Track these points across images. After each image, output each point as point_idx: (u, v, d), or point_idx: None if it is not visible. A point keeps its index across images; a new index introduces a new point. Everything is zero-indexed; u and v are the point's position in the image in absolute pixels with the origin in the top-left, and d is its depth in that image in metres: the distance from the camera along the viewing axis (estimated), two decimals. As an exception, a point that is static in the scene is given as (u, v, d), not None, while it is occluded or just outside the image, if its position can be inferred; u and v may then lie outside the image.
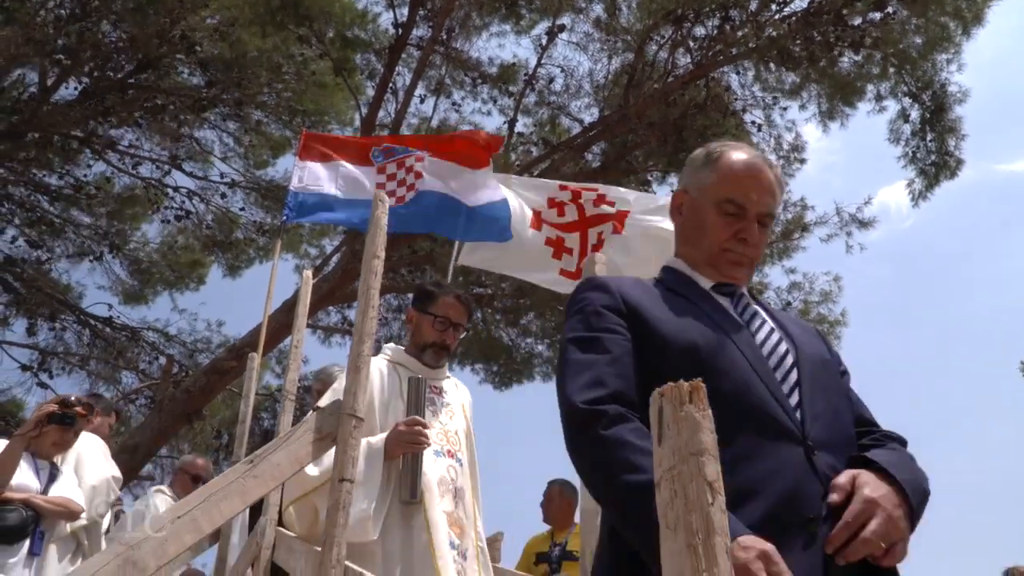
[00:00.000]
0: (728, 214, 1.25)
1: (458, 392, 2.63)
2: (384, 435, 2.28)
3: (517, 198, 4.62)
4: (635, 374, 1.11)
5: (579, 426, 1.05)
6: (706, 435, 0.73)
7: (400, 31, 8.31)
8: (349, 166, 4.50)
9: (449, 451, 2.42)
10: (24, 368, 9.31)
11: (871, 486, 1.02)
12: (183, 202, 9.88)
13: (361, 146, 4.73)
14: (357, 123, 9.21)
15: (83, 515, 3.06)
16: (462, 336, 2.64)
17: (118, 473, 3.45)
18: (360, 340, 2.08)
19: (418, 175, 4.45)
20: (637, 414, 1.04)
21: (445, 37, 8.66)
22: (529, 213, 4.49)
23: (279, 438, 2.08)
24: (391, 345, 2.65)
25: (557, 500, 4.39)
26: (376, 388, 2.40)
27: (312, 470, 2.23)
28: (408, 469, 2.25)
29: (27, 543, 2.77)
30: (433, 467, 2.33)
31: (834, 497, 1.03)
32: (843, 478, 1.05)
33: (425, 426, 2.30)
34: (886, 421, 1.26)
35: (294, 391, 3.00)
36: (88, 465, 3.25)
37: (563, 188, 4.68)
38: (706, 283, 1.27)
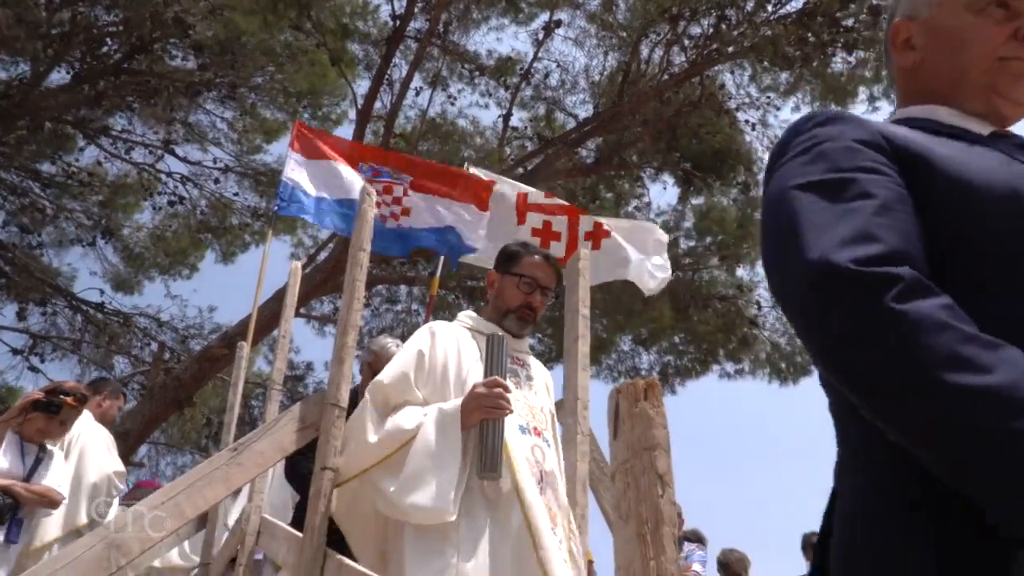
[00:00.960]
0: (998, 5, 0.89)
1: (541, 370, 2.29)
2: (459, 400, 1.93)
3: (504, 184, 4.73)
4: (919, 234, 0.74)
5: (850, 293, 0.67)
6: (659, 431, 0.77)
7: (398, 23, 8.31)
8: (339, 166, 4.55)
9: (535, 428, 2.04)
10: (15, 352, 9.31)
11: None
12: (176, 187, 9.87)
13: (350, 150, 4.79)
14: (353, 112, 9.21)
15: (83, 514, 3.06)
16: (549, 303, 2.29)
17: (121, 467, 3.41)
18: (344, 331, 2.11)
19: (405, 211, 4.54)
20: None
21: (442, 30, 8.66)
22: (514, 200, 4.60)
23: (263, 426, 2.11)
24: (469, 312, 2.31)
25: None
26: (452, 358, 2.07)
27: (372, 437, 1.92)
28: (489, 438, 1.86)
29: (4, 530, 2.76)
30: (518, 444, 1.94)
31: None
32: None
33: (507, 389, 1.93)
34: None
35: (281, 380, 3.04)
36: (90, 461, 3.22)
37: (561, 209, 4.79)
38: (981, 128, 0.88)
